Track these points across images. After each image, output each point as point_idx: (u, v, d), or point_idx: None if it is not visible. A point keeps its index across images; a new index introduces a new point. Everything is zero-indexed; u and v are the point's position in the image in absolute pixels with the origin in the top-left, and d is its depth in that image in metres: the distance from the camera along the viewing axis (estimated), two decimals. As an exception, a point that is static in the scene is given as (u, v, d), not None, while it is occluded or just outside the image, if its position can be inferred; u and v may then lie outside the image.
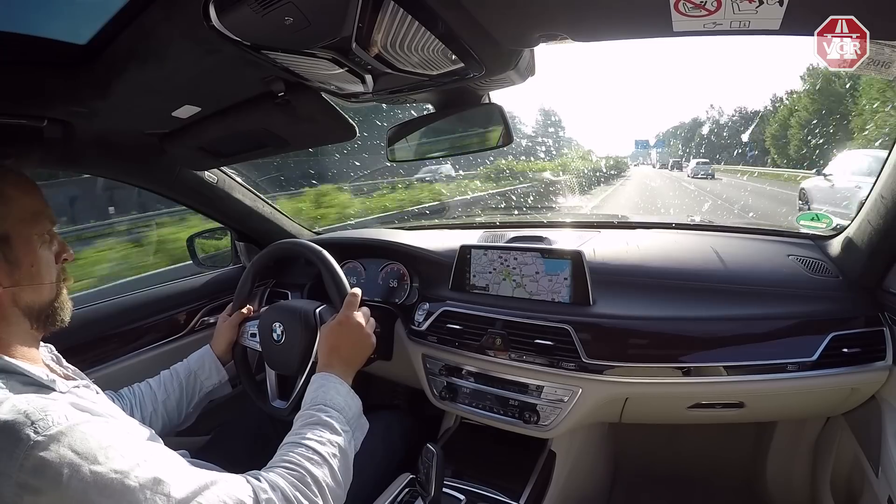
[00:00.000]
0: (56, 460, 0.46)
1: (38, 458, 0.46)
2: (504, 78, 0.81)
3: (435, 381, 1.18)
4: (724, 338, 0.97)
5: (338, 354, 0.85)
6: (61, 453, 0.47)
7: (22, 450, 0.46)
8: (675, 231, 1.40)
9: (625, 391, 0.99)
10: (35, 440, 0.47)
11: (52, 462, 0.46)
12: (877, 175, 0.86)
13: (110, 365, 1.18)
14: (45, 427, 0.48)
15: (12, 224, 0.60)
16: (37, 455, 0.46)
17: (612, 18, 0.62)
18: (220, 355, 1.04)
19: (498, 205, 9.66)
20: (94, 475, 0.47)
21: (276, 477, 0.62)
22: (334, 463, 0.68)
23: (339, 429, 0.72)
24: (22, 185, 0.63)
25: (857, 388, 0.94)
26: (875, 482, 0.93)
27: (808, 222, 1.17)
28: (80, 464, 0.47)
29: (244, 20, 0.58)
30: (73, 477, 0.46)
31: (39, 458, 0.46)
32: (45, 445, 0.47)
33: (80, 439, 0.49)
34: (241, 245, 1.57)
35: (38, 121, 0.87)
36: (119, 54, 0.73)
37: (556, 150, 52.29)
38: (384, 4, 0.56)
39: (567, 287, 1.07)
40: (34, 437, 0.47)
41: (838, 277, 1.02)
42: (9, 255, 0.60)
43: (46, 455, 0.46)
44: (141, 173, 1.24)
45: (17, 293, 0.61)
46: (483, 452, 1.14)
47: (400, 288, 1.40)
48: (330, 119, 0.98)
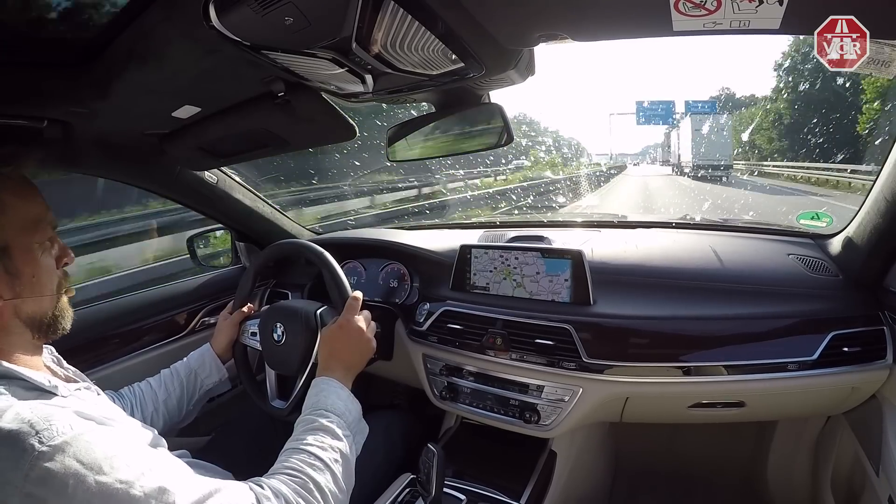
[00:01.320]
0: (61, 471, 0.46)
1: (43, 468, 0.46)
2: (504, 77, 0.81)
3: (435, 380, 1.18)
4: (724, 337, 0.97)
5: (338, 358, 0.85)
6: (66, 463, 0.47)
7: (27, 460, 0.46)
8: (676, 230, 1.40)
9: (625, 391, 0.99)
10: (40, 450, 0.46)
11: (57, 472, 0.46)
12: (877, 174, 0.87)
13: (111, 365, 1.18)
14: (49, 437, 0.47)
15: (12, 234, 0.59)
16: (42, 465, 0.46)
17: (612, 18, 0.62)
18: (220, 353, 1.04)
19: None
20: (100, 485, 0.47)
21: (279, 484, 0.62)
22: (336, 468, 0.68)
23: (341, 434, 0.72)
24: (21, 191, 0.62)
25: (857, 387, 0.94)
26: (876, 481, 0.93)
27: (809, 221, 1.17)
28: (85, 474, 0.47)
29: (244, 20, 0.58)
30: (79, 487, 0.46)
31: (45, 469, 0.46)
32: (51, 456, 0.46)
33: (84, 449, 0.48)
34: (241, 245, 1.57)
35: (38, 121, 0.87)
36: (119, 54, 0.73)
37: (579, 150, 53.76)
38: (384, 4, 0.56)
39: (567, 287, 1.07)
40: (39, 447, 0.46)
41: (838, 276, 1.02)
42: (9, 267, 0.59)
43: (51, 465, 0.46)
44: (141, 174, 1.24)
45: (19, 304, 0.60)
46: (484, 452, 1.14)
47: (400, 288, 1.40)
48: (330, 119, 0.98)
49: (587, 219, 1.57)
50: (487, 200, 10.48)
